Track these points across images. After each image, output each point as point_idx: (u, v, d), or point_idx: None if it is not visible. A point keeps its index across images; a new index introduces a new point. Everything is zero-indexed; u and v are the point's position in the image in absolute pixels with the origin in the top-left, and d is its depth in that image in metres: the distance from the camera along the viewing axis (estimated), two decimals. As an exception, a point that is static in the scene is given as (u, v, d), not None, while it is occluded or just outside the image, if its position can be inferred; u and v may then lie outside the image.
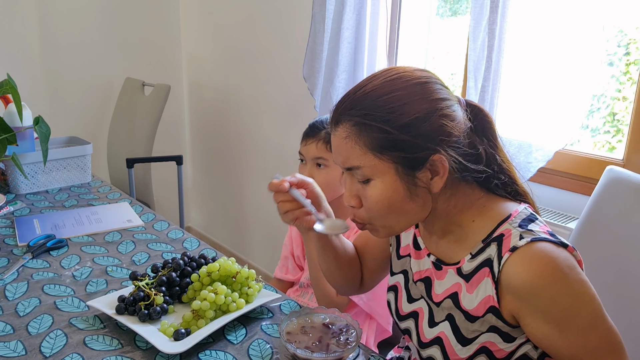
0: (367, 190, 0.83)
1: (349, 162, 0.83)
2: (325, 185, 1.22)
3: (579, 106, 1.43)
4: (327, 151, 1.29)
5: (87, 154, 1.85)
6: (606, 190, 1.15)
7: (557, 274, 0.76)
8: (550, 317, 0.77)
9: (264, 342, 0.97)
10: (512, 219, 0.83)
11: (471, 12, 1.55)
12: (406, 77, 0.81)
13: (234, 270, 1.07)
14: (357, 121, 0.80)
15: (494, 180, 0.86)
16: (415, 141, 0.78)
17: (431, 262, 0.92)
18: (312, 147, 1.31)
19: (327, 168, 1.31)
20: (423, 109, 0.79)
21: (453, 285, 0.88)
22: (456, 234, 0.88)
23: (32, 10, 2.58)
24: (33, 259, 1.27)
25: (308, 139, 1.33)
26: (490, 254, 0.82)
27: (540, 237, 0.79)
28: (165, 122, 2.62)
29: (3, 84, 1.42)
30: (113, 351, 0.93)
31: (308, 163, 1.34)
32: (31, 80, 2.62)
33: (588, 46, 1.38)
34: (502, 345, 0.83)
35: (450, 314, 0.87)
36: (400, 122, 0.78)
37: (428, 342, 0.91)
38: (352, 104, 0.81)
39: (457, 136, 0.81)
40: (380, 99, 0.79)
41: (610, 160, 1.49)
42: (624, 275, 1.09)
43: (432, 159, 0.79)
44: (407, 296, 0.98)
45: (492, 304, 0.81)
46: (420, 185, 0.81)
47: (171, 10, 3.03)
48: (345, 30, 1.92)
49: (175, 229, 1.48)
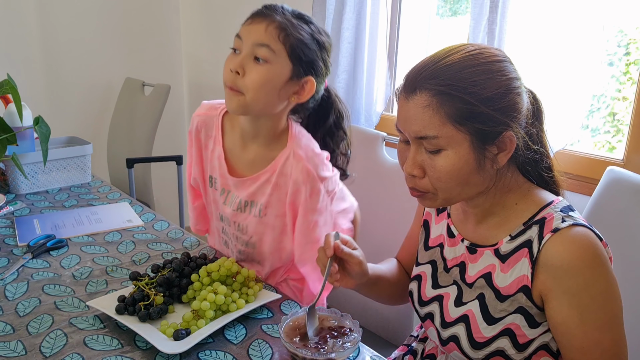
0: (436, 160, 0.83)
1: (424, 131, 0.82)
2: (259, 88, 1.03)
3: (579, 106, 1.43)
4: (277, 41, 1.02)
5: (87, 154, 1.85)
6: (606, 190, 1.15)
7: (596, 260, 0.79)
8: (576, 302, 0.79)
9: (264, 342, 0.97)
10: (554, 205, 0.86)
11: (471, 12, 1.55)
12: (487, 53, 0.83)
13: (234, 270, 1.07)
14: (440, 90, 0.80)
15: (542, 163, 0.90)
16: (494, 115, 0.80)
17: (465, 247, 0.94)
18: (259, 29, 1.03)
19: (268, 65, 1.02)
20: (503, 85, 0.81)
21: (487, 266, 0.90)
22: (497, 216, 0.90)
23: (32, 11, 2.58)
24: (33, 259, 1.27)
25: (257, 18, 1.04)
26: (531, 236, 0.84)
27: (581, 222, 0.82)
28: (165, 122, 2.62)
29: (3, 84, 1.41)
30: (113, 351, 0.93)
31: (243, 51, 1.04)
32: (31, 80, 2.62)
33: (588, 46, 1.38)
34: (525, 330, 0.85)
35: (481, 292, 0.89)
36: (484, 95, 0.80)
37: (453, 321, 0.92)
38: (433, 74, 0.82)
39: (524, 115, 0.84)
40: (464, 71, 0.81)
41: (610, 160, 1.49)
42: (624, 275, 1.08)
43: (503, 135, 0.82)
44: (432, 283, 1.00)
45: (525, 283, 0.83)
46: (489, 158, 0.83)
47: (171, 10, 3.03)
48: (345, 30, 1.92)
49: (175, 229, 1.48)
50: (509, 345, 0.86)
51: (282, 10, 1.06)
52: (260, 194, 1.17)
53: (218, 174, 1.22)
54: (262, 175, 1.15)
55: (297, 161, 1.11)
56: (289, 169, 1.12)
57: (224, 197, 1.23)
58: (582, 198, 1.47)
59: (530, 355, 0.86)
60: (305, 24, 1.07)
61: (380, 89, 1.99)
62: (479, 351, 0.88)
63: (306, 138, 1.15)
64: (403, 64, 2.08)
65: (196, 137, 1.26)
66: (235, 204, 1.21)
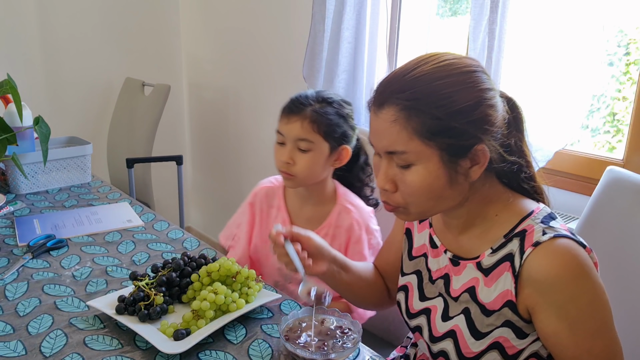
0: (407, 175, 0.82)
1: (392, 147, 0.81)
2: (307, 171, 1.23)
3: (579, 106, 1.43)
4: (314, 132, 1.20)
5: (87, 154, 1.85)
6: (606, 190, 1.15)
7: (579, 272, 0.77)
8: (564, 314, 0.78)
9: (264, 342, 0.97)
10: (534, 216, 0.84)
11: (471, 12, 1.55)
12: (457, 64, 0.81)
13: (234, 270, 1.07)
14: (406, 105, 0.79)
15: (521, 174, 0.88)
16: (465, 129, 0.78)
17: (448, 258, 0.93)
18: (296, 127, 1.20)
19: (311, 152, 1.21)
20: (474, 97, 0.79)
21: (471, 280, 0.88)
22: (478, 227, 0.89)
23: (32, 11, 2.58)
24: (33, 259, 1.27)
25: (291, 115, 1.21)
26: (512, 249, 0.82)
27: (562, 233, 0.80)
28: (165, 122, 2.62)
29: (3, 84, 1.41)
30: (113, 351, 0.93)
31: (288, 145, 1.22)
32: (31, 80, 2.62)
33: (588, 46, 1.38)
34: (514, 342, 0.84)
35: (466, 307, 0.88)
36: (453, 108, 0.78)
37: (441, 336, 0.91)
38: (401, 87, 0.80)
39: (499, 127, 0.81)
40: (433, 84, 0.79)
41: (610, 160, 1.49)
42: (624, 275, 1.09)
43: (475, 148, 0.80)
44: (419, 295, 0.98)
45: (510, 298, 0.82)
46: (460, 172, 0.82)
47: (171, 11, 3.03)
48: (345, 30, 1.92)
49: (175, 229, 1.48)
50: (498, 358, 0.85)
51: (308, 101, 1.23)
52: None
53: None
54: (321, 230, 1.30)
55: (347, 214, 1.29)
56: (342, 222, 1.29)
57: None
58: (582, 198, 1.47)
59: None
60: (329, 105, 1.24)
61: (380, 89, 1.99)
62: None
63: (352, 195, 1.34)
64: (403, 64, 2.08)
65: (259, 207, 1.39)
66: None
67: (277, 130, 1.25)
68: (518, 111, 0.88)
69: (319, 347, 0.90)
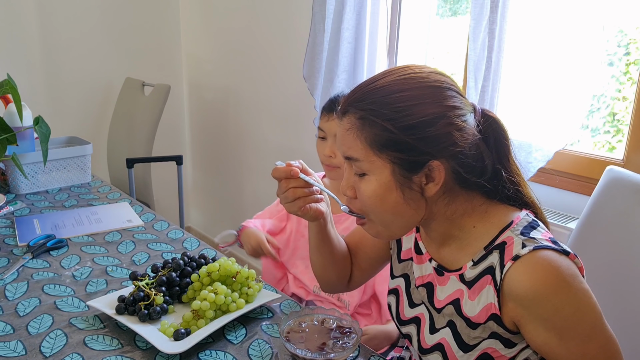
0: (361, 183, 0.83)
1: (348, 153, 0.82)
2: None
3: (579, 106, 1.43)
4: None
5: (87, 154, 1.85)
6: (606, 190, 1.15)
7: (560, 283, 0.76)
8: (551, 325, 0.77)
9: (264, 342, 0.97)
10: (514, 227, 0.82)
11: (471, 12, 1.55)
12: (420, 78, 0.79)
13: (234, 270, 1.07)
14: (361, 115, 0.79)
15: (497, 192, 0.85)
16: (416, 144, 0.77)
17: (433, 267, 0.92)
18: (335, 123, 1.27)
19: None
20: (431, 113, 0.77)
21: (455, 292, 0.87)
22: (457, 239, 0.87)
23: (32, 11, 2.58)
24: (33, 259, 1.27)
25: (331, 114, 1.32)
26: (493, 262, 0.81)
27: (542, 245, 0.77)
28: (165, 122, 2.63)
29: (3, 84, 1.41)
30: (113, 351, 0.93)
31: (329, 139, 1.34)
32: (31, 80, 2.62)
33: (588, 46, 1.38)
34: (503, 352, 0.83)
35: (451, 320, 0.87)
36: (405, 122, 0.77)
37: (429, 348, 0.90)
38: (361, 97, 0.81)
39: (461, 147, 0.78)
40: (389, 97, 0.78)
41: (610, 160, 1.49)
42: (624, 275, 1.09)
43: (430, 165, 0.78)
44: (408, 301, 0.97)
45: (494, 311, 0.81)
46: (415, 189, 0.80)
47: (171, 10, 3.03)
48: (345, 30, 1.92)
49: (175, 229, 1.48)
50: None
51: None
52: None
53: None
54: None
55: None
56: None
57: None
58: (582, 198, 1.47)
59: None
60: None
61: (380, 89, 1.99)
62: None
63: None
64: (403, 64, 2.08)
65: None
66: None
67: (319, 126, 1.36)
68: (499, 131, 0.84)
69: (319, 347, 0.90)
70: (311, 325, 0.96)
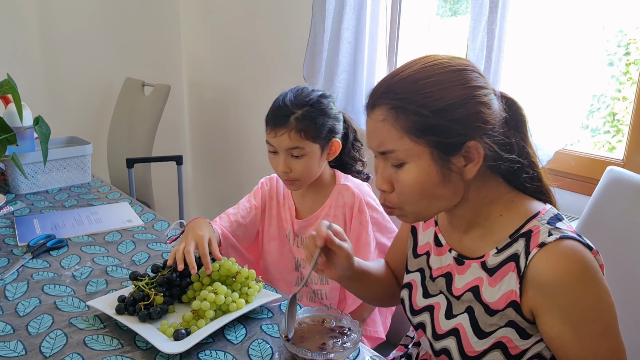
0: (400, 174, 0.83)
1: (383, 146, 0.83)
2: (306, 173, 1.26)
3: (579, 106, 1.43)
4: (302, 139, 1.21)
5: (87, 154, 1.85)
6: (606, 190, 1.15)
7: (584, 274, 0.77)
8: (567, 317, 0.78)
9: (264, 342, 0.97)
10: (541, 216, 0.84)
11: (471, 12, 1.55)
12: (443, 64, 0.82)
13: (233, 270, 1.07)
14: (394, 104, 0.81)
15: (523, 174, 0.87)
16: (451, 126, 0.79)
17: (453, 257, 0.93)
18: (284, 139, 1.21)
19: (305, 157, 1.23)
20: (460, 95, 0.80)
21: (475, 279, 0.88)
22: (482, 227, 0.89)
23: (32, 10, 2.58)
24: (33, 259, 1.27)
25: (277, 129, 1.22)
26: (518, 249, 0.82)
27: (569, 235, 0.79)
28: (165, 122, 2.62)
29: (3, 84, 1.41)
30: (113, 351, 0.93)
31: (281, 154, 1.24)
32: (31, 80, 2.62)
33: (588, 46, 1.38)
34: (517, 342, 0.84)
35: (470, 306, 0.88)
36: (437, 106, 0.79)
37: (444, 334, 0.91)
38: (389, 88, 0.82)
39: (492, 124, 0.82)
40: (417, 84, 0.80)
41: (610, 160, 1.49)
42: (624, 275, 1.09)
43: (467, 145, 0.80)
44: (422, 292, 0.98)
45: (514, 298, 0.82)
46: (454, 170, 0.82)
47: (171, 10, 3.03)
48: (345, 30, 1.92)
49: (175, 229, 1.48)
50: (501, 358, 0.85)
51: (289, 110, 1.22)
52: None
53: (290, 224, 1.38)
54: (321, 212, 1.32)
55: (346, 191, 1.31)
56: (341, 200, 1.31)
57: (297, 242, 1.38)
58: (582, 198, 1.47)
59: None
60: (310, 106, 1.23)
61: (380, 89, 1.99)
62: None
63: (351, 178, 1.36)
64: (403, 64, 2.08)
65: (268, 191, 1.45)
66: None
67: (267, 140, 1.27)
68: (519, 112, 0.88)
69: (319, 347, 0.90)
70: (311, 325, 0.96)
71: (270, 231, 1.41)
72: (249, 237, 1.42)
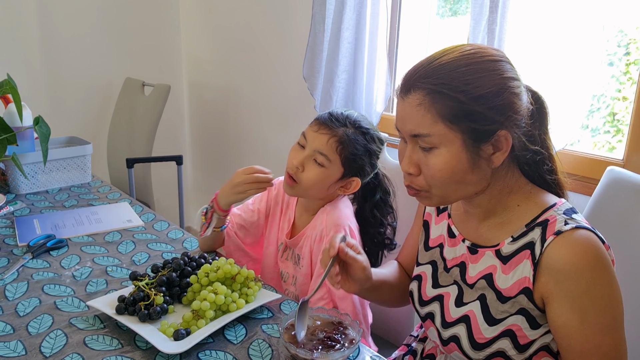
0: (430, 158, 0.84)
1: (417, 130, 0.84)
2: (311, 183, 1.20)
3: (579, 106, 1.43)
4: (335, 152, 1.18)
5: (87, 154, 1.85)
6: (606, 190, 1.15)
7: (598, 263, 0.79)
8: (577, 305, 0.79)
9: (264, 342, 0.97)
10: (557, 207, 0.86)
11: (471, 12, 1.55)
12: (481, 53, 0.83)
13: (233, 270, 1.07)
14: (432, 89, 0.81)
15: (544, 165, 0.90)
16: (487, 113, 0.81)
17: (466, 247, 0.95)
18: (322, 139, 1.18)
19: (323, 169, 1.19)
20: (496, 84, 0.81)
21: (488, 267, 0.90)
22: (499, 217, 0.91)
23: (32, 11, 2.58)
24: (33, 259, 1.27)
25: (323, 127, 1.19)
26: (534, 238, 0.84)
27: (584, 225, 0.82)
28: (165, 122, 2.62)
29: (3, 84, 1.41)
30: (113, 351, 0.93)
31: (307, 151, 1.20)
32: (31, 80, 2.62)
33: (588, 46, 1.38)
34: (527, 331, 0.85)
35: (482, 293, 0.90)
36: (475, 93, 0.80)
37: (454, 321, 0.93)
38: (427, 73, 0.83)
39: (522, 115, 0.83)
40: (457, 70, 0.81)
41: (610, 160, 1.49)
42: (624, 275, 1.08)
43: (498, 134, 0.82)
44: (432, 283, 1.00)
45: (527, 285, 0.84)
46: (483, 157, 0.84)
47: (171, 10, 3.03)
48: (345, 30, 1.92)
49: (175, 229, 1.48)
50: (509, 346, 0.86)
51: (344, 121, 1.20)
52: (299, 247, 1.29)
53: (283, 236, 1.35)
54: (305, 231, 1.28)
55: (326, 214, 1.23)
56: (318, 222, 1.24)
57: (286, 254, 1.34)
58: (582, 198, 1.47)
59: (530, 356, 0.87)
60: (362, 134, 1.20)
61: (380, 89, 1.99)
62: (479, 352, 0.88)
63: (344, 204, 1.28)
64: (403, 64, 2.08)
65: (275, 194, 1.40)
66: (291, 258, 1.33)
67: (304, 132, 1.23)
68: (543, 105, 0.91)
69: (319, 347, 0.90)
70: (311, 325, 0.96)
71: (270, 237, 1.39)
72: (253, 238, 1.42)
